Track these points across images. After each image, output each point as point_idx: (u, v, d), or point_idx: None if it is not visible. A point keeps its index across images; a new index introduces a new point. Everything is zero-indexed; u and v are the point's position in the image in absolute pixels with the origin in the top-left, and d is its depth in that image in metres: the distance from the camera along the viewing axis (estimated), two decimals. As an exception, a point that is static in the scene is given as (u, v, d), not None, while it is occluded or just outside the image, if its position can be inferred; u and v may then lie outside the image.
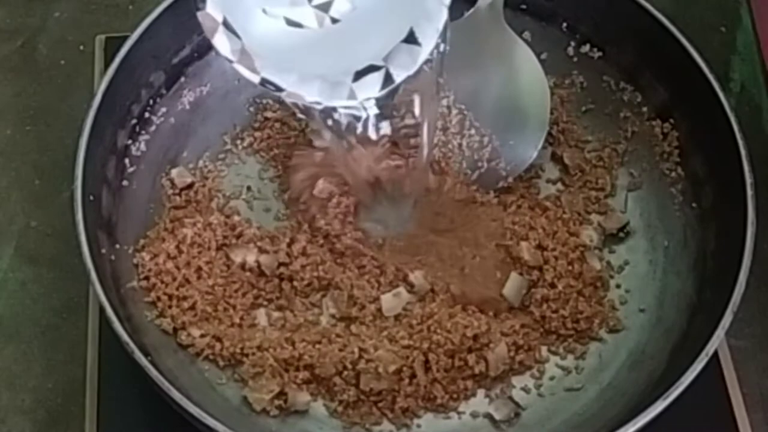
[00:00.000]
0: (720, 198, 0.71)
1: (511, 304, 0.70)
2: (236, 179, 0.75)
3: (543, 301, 0.70)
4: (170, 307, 0.69)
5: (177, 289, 0.69)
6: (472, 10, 0.73)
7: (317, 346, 0.68)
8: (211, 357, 0.68)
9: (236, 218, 0.73)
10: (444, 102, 0.74)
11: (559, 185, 0.76)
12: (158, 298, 0.69)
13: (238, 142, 0.77)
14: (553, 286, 0.70)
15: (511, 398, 0.68)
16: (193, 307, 0.69)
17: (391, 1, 0.57)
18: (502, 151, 0.74)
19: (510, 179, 0.75)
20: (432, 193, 0.74)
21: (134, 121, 0.73)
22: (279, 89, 0.56)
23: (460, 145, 0.75)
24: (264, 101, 0.77)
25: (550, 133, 0.75)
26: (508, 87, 0.74)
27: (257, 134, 0.77)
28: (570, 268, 0.71)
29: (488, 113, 0.74)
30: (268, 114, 0.77)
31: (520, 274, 0.71)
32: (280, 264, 0.71)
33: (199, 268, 0.70)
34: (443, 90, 0.74)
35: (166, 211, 0.73)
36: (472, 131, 0.74)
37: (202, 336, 0.68)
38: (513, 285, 0.70)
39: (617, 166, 0.76)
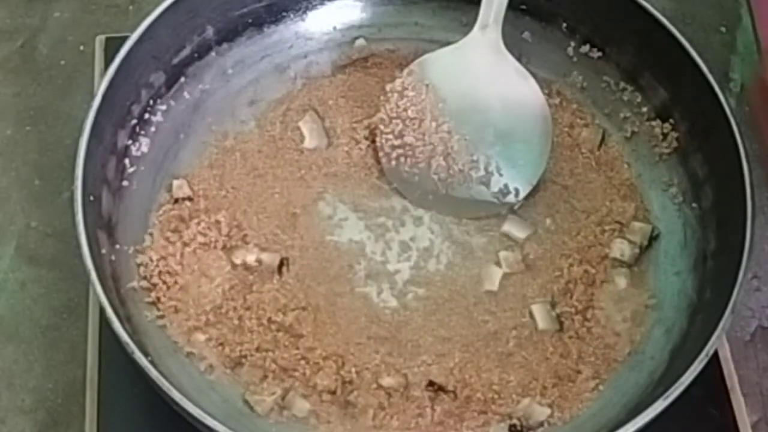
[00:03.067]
0: (720, 198, 0.71)
1: (551, 330, 0.70)
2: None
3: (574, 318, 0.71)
4: (171, 307, 0.69)
5: (179, 289, 0.69)
6: (469, 35, 0.74)
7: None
8: (211, 358, 0.68)
9: (240, 217, 0.73)
10: (445, 127, 0.74)
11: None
12: (159, 299, 0.69)
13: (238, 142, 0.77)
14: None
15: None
16: (194, 308, 0.69)
17: None
18: (504, 175, 0.74)
19: (513, 203, 0.75)
20: None
21: (134, 121, 0.73)
22: None
23: (461, 170, 0.75)
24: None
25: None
26: (507, 113, 0.74)
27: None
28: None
29: (489, 138, 0.74)
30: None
31: None
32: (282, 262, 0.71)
33: (202, 269, 0.70)
34: (443, 115, 0.74)
35: (169, 210, 0.72)
36: (474, 156, 0.74)
37: (204, 337, 0.68)
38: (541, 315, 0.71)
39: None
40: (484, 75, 0.74)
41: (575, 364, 0.69)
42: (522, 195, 0.74)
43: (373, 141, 0.76)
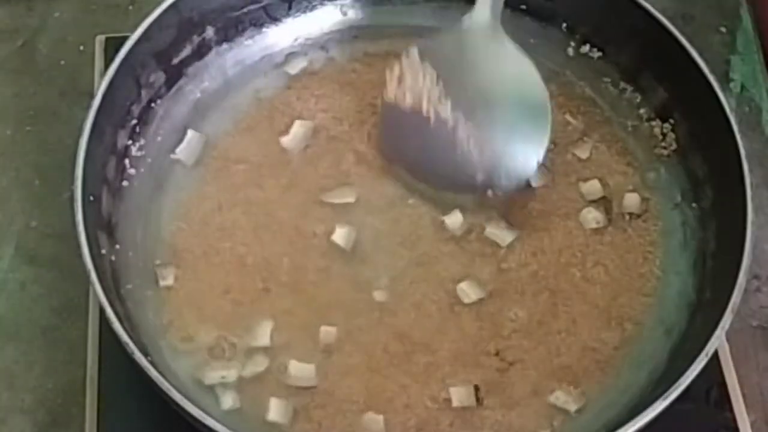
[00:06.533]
0: (720, 198, 0.71)
1: None
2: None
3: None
4: (171, 308, 0.69)
5: (179, 290, 0.69)
6: (466, 18, 0.74)
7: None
8: (212, 358, 0.68)
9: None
10: (442, 112, 0.74)
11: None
12: (158, 299, 0.69)
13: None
14: None
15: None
16: (196, 308, 0.69)
17: None
18: (504, 161, 0.74)
19: (513, 188, 0.74)
20: None
21: (134, 121, 0.73)
22: None
23: (459, 155, 0.74)
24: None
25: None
26: (506, 97, 0.74)
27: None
28: None
29: (489, 124, 0.74)
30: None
31: None
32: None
33: (202, 269, 0.70)
34: (441, 100, 0.74)
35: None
36: (472, 142, 0.74)
37: (198, 341, 0.68)
38: None
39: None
40: (482, 59, 0.74)
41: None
42: (518, 183, 0.74)
43: (373, 140, 0.76)
